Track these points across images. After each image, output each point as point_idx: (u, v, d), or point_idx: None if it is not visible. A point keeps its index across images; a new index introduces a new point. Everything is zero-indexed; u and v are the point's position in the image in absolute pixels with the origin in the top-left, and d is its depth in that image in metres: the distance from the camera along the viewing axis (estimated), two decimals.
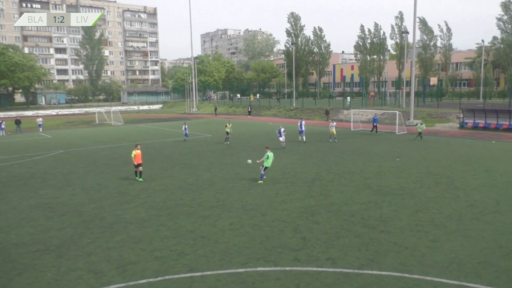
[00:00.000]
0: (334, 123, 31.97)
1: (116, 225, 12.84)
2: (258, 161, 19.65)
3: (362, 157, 24.59)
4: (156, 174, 20.67)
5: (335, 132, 31.26)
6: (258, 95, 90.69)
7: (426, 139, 32.83)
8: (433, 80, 71.30)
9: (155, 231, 12.24)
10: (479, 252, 10.36)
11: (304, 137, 31.55)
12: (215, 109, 67.23)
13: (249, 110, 63.34)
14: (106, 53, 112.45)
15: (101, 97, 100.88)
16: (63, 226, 12.81)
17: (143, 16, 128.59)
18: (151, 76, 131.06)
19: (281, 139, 28.59)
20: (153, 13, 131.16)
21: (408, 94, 49.24)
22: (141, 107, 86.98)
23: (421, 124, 33.03)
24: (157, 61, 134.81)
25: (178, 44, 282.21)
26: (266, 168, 18.52)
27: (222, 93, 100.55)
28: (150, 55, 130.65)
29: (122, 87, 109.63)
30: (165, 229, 12.44)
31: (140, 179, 19.16)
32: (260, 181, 18.32)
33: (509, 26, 70.68)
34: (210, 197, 16.05)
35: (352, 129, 39.23)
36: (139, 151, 19.18)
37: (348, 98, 66.54)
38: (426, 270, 9.40)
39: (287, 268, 9.56)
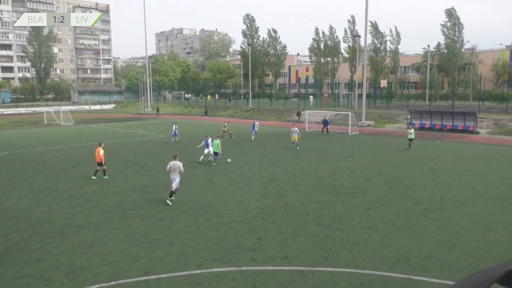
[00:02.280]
0: (297, 129, 29.21)
1: (66, 230, 12.35)
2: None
3: (317, 157, 25.15)
4: (109, 175, 20.05)
5: (297, 139, 28.71)
6: (216, 95, 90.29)
7: (377, 139, 34.09)
8: (383, 83, 74.16)
9: (108, 235, 11.89)
10: (425, 247, 10.91)
11: (253, 137, 33.00)
12: (157, 110, 66.21)
13: (205, 110, 62.97)
14: (55, 50, 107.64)
15: (50, 96, 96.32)
16: (9, 232, 12.16)
17: (95, 12, 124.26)
18: (103, 75, 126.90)
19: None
20: (105, 10, 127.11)
21: (360, 96, 50.89)
22: (92, 107, 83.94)
23: (409, 129, 29.19)
24: (110, 60, 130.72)
25: (132, 42, 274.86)
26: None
27: (178, 93, 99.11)
28: (102, 53, 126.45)
29: (73, 86, 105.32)
30: (118, 232, 12.12)
31: (95, 178, 19.15)
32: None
33: (452, 32, 74.82)
34: (165, 199, 15.80)
35: (307, 130, 39.96)
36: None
37: (311, 97, 67.75)
38: (377, 265, 9.78)
39: (243, 268, 9.62)
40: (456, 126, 38.10)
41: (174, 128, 32.52)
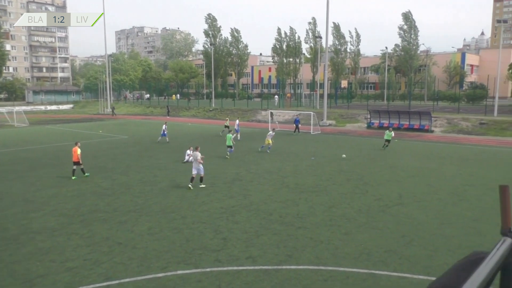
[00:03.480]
0: (273, 133, 27.99)
1: (21, 236, 11.82)
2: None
3: (280, 156, 25.38)
4: (67, 178, 19.39)
5: (271, 142, 27.04)
6: (178, 95, 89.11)
7: (338, 138, 34.82)
8: (344, 83, 75.89)
9: (67, 240, 11.49)
10: (385, 242, 11.27)
11: (238, 136, 32.99)
12: (113, 109, 64.93)
13: (168, 110, 62.09)
14: (8, 47, 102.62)
15: (2, 96, 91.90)
16: None
17: (51, 9, 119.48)
18: (60, 74, 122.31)
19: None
20: (62, 6, 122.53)
21: (321, 96, 51.78)
22: (49, 107, 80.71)
23: (389, 131, 28.11)
24: (67, 58, 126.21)
25: (90, 40, 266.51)
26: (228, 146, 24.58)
27: (138, 92, 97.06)
28: (59, 51, 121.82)
29: (27, 85, 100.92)
30: (77, 237, 11.74)
31: (74, 177, 19.27)
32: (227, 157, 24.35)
33: (409, 35, 77.67)
34: (126, 201, 15.46)
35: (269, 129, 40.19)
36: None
37: (276, 97, 68.23)
38: (340, 261, 10.00)
39: (208, 269, 9.57)
40: (413, 125, 39.54)
41: (163, 128, 32.19)
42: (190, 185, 17.16)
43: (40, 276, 9.31)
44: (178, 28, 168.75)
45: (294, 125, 38.29)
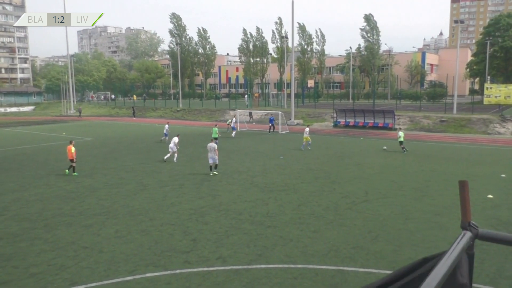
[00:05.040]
0: (307, 129, 28.45)
1: None
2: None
3: (249, 156, 25.44)
4: (29, 182, 18.71)
5: (309, 139, 27.68)
6: (144, 95, 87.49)
7: None
8: (311, 83, 76.86)
9: (30, 246, 11.09)
10: (352, 238, 11.51)
11: (233, 134, 35.18)
12: (79, 111, 63.77)
13: (133, 111, 60.97)
14: None
15: None
16: None
17: (9, 8, 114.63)
18: (20, 75, 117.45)
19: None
20: (20, 5, 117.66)
21: (289, 95, 52.23)
22: (8, 109, 77.42)
23: (400, 130, 27.77)
24: (27, 59, 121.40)
25: (51, 40, 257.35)
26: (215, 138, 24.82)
27: (104, 93, 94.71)
28: (18, 51, 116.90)
29: None
30: (41, 242, 11.35)
31: (76, 173, 20.12)
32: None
33: (371, 36, 79.65)
34: (92, 204, 15.07)
35: (238, 129, 40.22)
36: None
37: (246, 96, 68.26)
38: (309, 259, 10.14)
39: (178, 271, 9.49)
40: (377, 123, 40.56)
41: (166, 127, 32.55)
42: (214, 172, 19.68)
43: (2, 283, 8.95)
44: (143, 27, 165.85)
45: (270, 125, 38.64)
